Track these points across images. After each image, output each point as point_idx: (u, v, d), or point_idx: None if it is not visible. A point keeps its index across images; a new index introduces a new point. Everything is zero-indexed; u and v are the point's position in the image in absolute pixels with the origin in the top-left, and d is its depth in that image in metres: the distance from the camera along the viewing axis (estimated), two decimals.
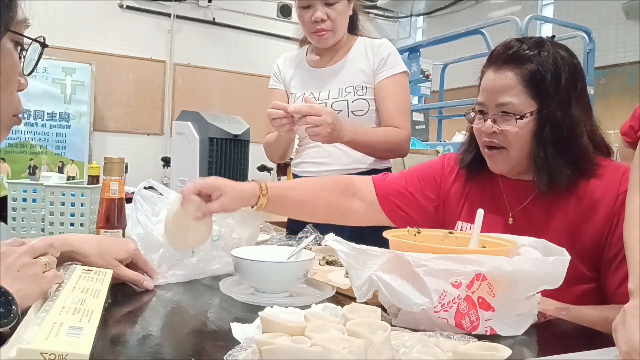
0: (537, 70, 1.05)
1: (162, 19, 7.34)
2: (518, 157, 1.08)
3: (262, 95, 7.21)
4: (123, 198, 1.10)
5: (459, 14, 8.46)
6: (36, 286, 0.71)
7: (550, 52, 1.07)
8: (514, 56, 1.07)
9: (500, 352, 0.59)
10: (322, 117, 1.40)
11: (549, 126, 1.04)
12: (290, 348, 0.55)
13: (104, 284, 0.81)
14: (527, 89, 1.05)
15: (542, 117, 1.05)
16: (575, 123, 1.05)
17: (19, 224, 1.37)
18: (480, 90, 1.12)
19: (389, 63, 1.67)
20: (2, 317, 0.60)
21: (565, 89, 1.05)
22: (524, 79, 1.05)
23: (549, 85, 1.04)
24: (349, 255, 0.83)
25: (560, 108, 1.04)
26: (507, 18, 4.76)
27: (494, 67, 1.09)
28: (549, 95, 1.04)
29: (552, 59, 1.06)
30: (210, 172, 3.15)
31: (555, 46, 1.09)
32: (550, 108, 1.04)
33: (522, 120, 1.05)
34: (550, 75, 1.04)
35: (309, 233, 1.30)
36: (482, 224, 0.94)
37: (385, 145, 1.64)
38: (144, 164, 6.75)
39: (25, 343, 0.54)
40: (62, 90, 6.03)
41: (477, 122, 1.13)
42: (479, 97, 1.12)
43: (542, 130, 1.05)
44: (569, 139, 1.05)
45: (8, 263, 0.69)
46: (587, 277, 1.03)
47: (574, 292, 1.01)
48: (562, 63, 1.06)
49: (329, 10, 1.63)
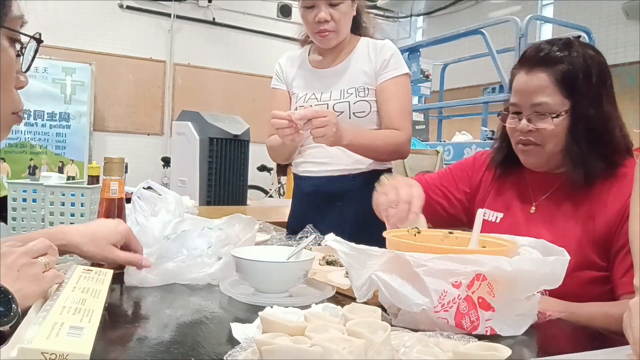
0: (568, 69, 1.10)
1: (162, 19, 7.34)
2: (552, 152, 1.13)
3: (262, 95, 7.22)
4: (123, 198, 1.10)
5: (459, 14, 8.47)
6: (36, 286, 0.71)
7: (580, 52, 1.12)
8: (546, 58, 1.12)
9: (500, 352, 0.59)
10: (327, 118, 1.40)
11: (583, 122, 1.09)
12: (290, 348, 0.55)
13: (104, 284, 0.81)
14: (560, 89, 1.10)
15: (576, 114, 1.10)
16: (607, 118, 1.11)
17: (19, 224, 1.37)
18: (513, 92, 1.17)
19: (391, 65, 1.67)
20: (2, 316, 0.60)
21: (596, 86, 1.11)
22: (557, 79, 1.10)
23: (581, 84, 1.09)
24: (349, 255, 0.83)
25: (593, 105, 1.10)
26: (507, 18, 4.76)
27: (525, 69, 1.14)
28: (581, 93, 1.09)
29: (582, 58, 1.11)
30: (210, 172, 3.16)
31: (583, 46, 1.14)
32: (583, 105, 1.09)
33: (558, 118, 1.10)
34: (581, 74, 1.10)
35: (309, 233, 1.30)
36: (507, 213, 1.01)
37: (385, 147, 1.64)
38: (144, 164, 6.75)
39: (26, 342, 0.54)
40: (62, 90, 6.04)
41: (511, 122, 1.18)
42: (512, 98, 1.17)
43: (576, 127, 1.10)
44: (602, 133, 1.10)
45: (8, 263, 0.69)
46: (598, 265, 1.06)
47: (583, 276, 1.05)
48: (592, 62, 1.12)
49: (332, 10, 1.63)
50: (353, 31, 1.75)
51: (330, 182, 1.70)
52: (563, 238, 1.07)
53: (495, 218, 1.24)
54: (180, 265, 1.03)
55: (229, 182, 3.21)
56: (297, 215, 1.79)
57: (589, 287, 1.05)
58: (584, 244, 1.07)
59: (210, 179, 3.14)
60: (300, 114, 1.39)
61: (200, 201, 3.07)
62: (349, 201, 1.68)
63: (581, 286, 1.04)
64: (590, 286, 1.05)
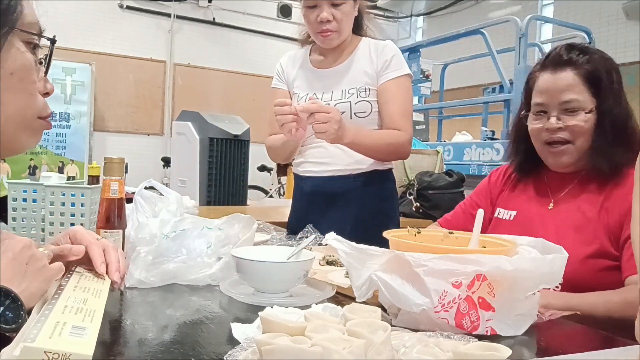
0: (594, 69, 1.18)
1: (162, 19, 7.34)
2: (582, 149, 1.19)
3: (262, 95, 7.23)
4: (123, 198, 1.10)
5: (459, 14, 8.47)
6: (43, 282, 0.70)
7: (599, 55, 1.21)
8: (570, 60, 1.19)
9: (500, 352, 0.59)
10: (330, 114, 1.40)
11: (608, 119, 1.17)
12: (290, 348, 0.55)
13: (105, 284, 0.81)
14: (587, 87, 1.17)
15: (602, 112, 1.17)
16: (629, 115, 1.20)
17: (19, 224, 1.37)
18: (537, 92, 1.23)
19: (392, 65, 1.67)
20: (11, 322, 0.60)
21: (617, 85, 1.20)
22: (585, 77, 1.17)
23: (605, 83, 1.17)
24: (349, 254, 0.83)
25: (615, 103, 1.18)
26: (507, 18, 4.76)
27: (550, 70, 1.20)
28: (606, 91, 1.17)
29: (602, 59, 1.20)
30: (210, 172, 3.16)
31: (598, 51, 1.23)
32: (608, 103, 1.17)
33: (589, 114, 1.17)
34: (604, 74, 1.18)
35: (309, 233, 1.30)
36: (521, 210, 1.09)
37: (386, 147, 1.64)
38: (144, 164, 6.75)
39: (29, 341, 0.54)
40: (62, 90, 6.04)
41: (537, 122, 1.23)
42: (537, 98, 1.22)
43: (602, 123, 1.17)
44: (625, 129, 1.18)
45: (15, 255, 0.68)
46: (612, 255, 1.12)
47: (598, 264, 1.11)
48: (610, 64, 1.21)
49: (335, 11, 1.62)
50: (354, 31, 1.75)
51: (331, 182, 1.70)
52: (580, 229, 1.15)
53: (509, 216, 1.30)
54: (180, 266, 1.03)
55: (229, 182, 3.20)
56: (297, 215, 1.79)
57: (602, 275, 1.10)
58: (600, 234, 1.13)
59: (210, 179, 3.14)
60: (303, 106, 1.40)
61: (200, 201, 3.07)
62: (350, 201, 1.68)
63: (595, 273, 1.10)
64: (603, 274, 1.10)
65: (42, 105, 0.76)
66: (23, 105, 0.73)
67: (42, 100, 0.76)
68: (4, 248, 0.67)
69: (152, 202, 1.17)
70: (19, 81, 0.71)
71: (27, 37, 0.72)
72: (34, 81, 0.74)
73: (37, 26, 0.74)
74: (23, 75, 0.72)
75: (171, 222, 1.08)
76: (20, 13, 0.70)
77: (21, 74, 0.71)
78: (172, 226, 1.08)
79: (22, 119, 0.73)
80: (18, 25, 0.70)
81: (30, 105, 0.74)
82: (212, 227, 1.11)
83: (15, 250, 0.68)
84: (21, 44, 0.71)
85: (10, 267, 0.66)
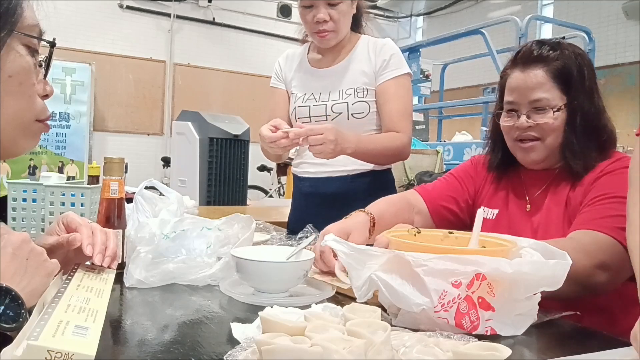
0: (563, 66, 1.15)
1: (162, 19, 7.35)
2: (552, 146, 1.17)
3: (262, 95, 7.22)
4: (123, 198, 1.10)
5: (459, 14, 8.47)
6: (45, 274, 0.69)
7: (570, 50, 1.18)
8: (540, 56, 1.17)
9: (500, 352, 0.59)
10: (323, 136, 1.37)
11: (579, 116, 1.15)
12: (290, 348, 0.55)
13: (107, 284, 0.81)
14: (556, 84, 1.15)
15: (573, 109, 1.15)
16: (600, 112, 1.18)
17: (19, 224, 1.37)
18: (508, 90, 1.21)
19: (391, 64, 1.65)
20: (12, 322, 0.60)
21: (589, 82, 1.17)
22: (554, 74, 1.15)
23: (575, 79, 1.15)
24: (349, 255, 0.83)
25: (587, 99, 1.16)
26: (507, 18, 4.76)
27: (520, 68, 1.18)
28: (577, 88, 1.15)
29: (574, 55, 1.17)
30: (210, 172, 3.16)
31: (571, 46, 1.20)
32: (579, 100, 1.15)
33: (558, 112, 1.15)
34: (575, 70, 1.15)
35: (309, 233, 1.30)
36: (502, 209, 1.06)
37: (387, 152, 1.62)
38: (144, 164, 6.76)
39: (32, 339, 0.54)
40: (62, 90, 6.04)
41: (508, 120, 1.21)
42: (508, 97, 1.20)
43: (573, 120, 1.15)
44: (597, 126, 1.17)
45: (15, 250, 0.67)
46: None
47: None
48: (582, 59, 1.18)
49: (331, 11, 1.61)
50: (353, 29, 1.74)
51: (329, 182, 1.70)
52: (556, 230, 1.14)
53: (492, 215, 1.27)
54: (180, 266, 1.03)
55: (229, 182, 3.21)
56: (297, 215, 1.79)
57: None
58: (566, 227, 1.13)
59: (210, 179, 3.15)
60: (294, 133, 1.36)
61: (200, 201, 3.07)
62: (349, 201, 1.67)
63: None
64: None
65: (40, 108, 0.76)
66: (21, 108, 0.72)
67: (40, 103, 0.76)
68: (4, 243, 0.66)
69: (153, 202, 1.17)
70: (18, 84, 0.71)
71: (26, 40, 0.72)
72: (33, 84, 0.74)
73: (38, 29, 0.74)
74: (22, 78, 0.71)
75: (171, 222, 1.08)
76: (20, 15, 0.70)
77: (20, 77, 0.71)
78: (172, 226, 1.08)
79: (20, 121, 0.73)
80: (18, 28, 0.70)
81: (29, 108, 0.74)
82: (211, 227, 1.12)
83: (14, 245, 0.67)
84: (21, 46, 0.71)
85: (11, 263, 0.66)
